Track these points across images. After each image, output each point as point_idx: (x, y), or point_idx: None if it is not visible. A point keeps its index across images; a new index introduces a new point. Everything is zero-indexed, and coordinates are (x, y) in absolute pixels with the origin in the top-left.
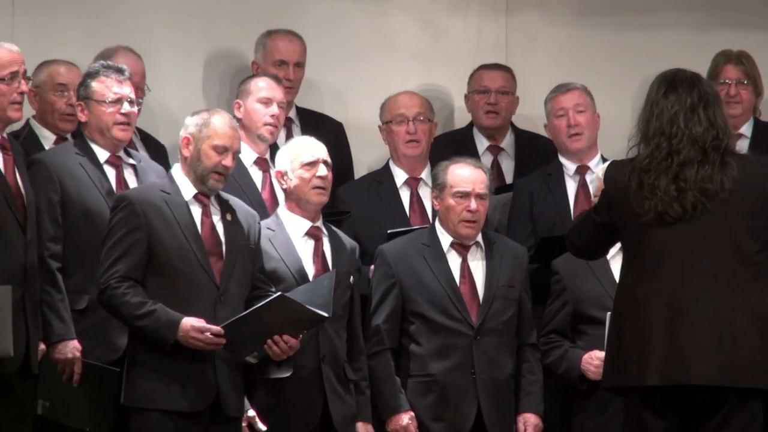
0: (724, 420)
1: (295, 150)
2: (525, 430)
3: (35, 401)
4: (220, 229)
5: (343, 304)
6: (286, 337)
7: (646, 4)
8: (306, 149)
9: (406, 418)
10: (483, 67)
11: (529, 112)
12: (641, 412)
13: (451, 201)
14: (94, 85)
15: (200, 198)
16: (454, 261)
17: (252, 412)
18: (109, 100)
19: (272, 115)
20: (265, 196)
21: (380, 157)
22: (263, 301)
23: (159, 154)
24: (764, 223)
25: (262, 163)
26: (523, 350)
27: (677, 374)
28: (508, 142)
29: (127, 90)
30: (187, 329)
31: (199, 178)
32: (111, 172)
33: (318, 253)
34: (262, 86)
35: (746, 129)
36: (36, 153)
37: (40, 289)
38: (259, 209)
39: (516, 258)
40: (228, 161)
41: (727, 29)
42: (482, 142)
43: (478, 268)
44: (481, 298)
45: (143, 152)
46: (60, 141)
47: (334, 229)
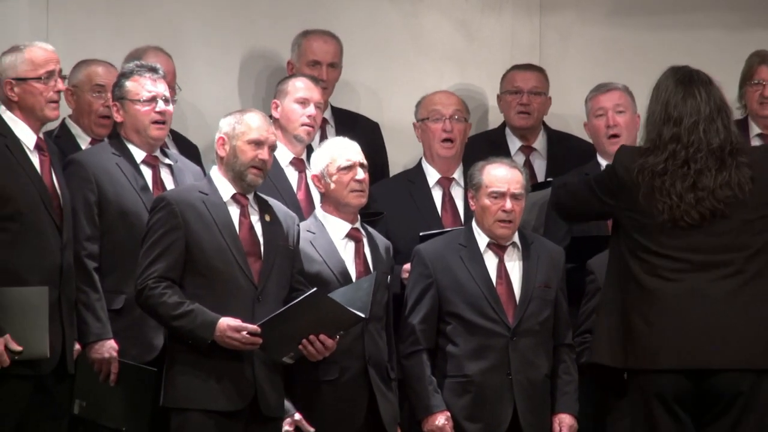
0: (745, 405)
1: (331, 153)
2: (560, 431)
3: (71, 401)
4: (258, 229)
5: (384, 305)
6: (323, 337)
7: (681, 4)
8: (342, 153)
9: (442, 419)
10: (515, 68)
11: (563, 112)
12: (654, 410)
13: (486, 201)
14: (129, 84)
15: (238, 198)
16: (491, 261)
17: (298, 416)
18: (144, 98)
19: (309, 116)
20: (301, 197)
21: (414, 157)
22: (300, 297)
23: (191, 154)
24: None
25: (298, 164)
26: (560, 350)
27: (693, 358)
28: (540, 142)
29: (162, 88)
30: (223, 329)
31: (238, 175)
32: (147, 172)
33: (359, 255)
34: (300, 86)
35: None
36: (72, 151)
37: (76, 290)
38: (295, 210)
39: (553, 258)
40: (264, 154)
41: (761, 29)
42: (514, 142)
43: (515, 269)
44: (518, 299)
45: (175, 152)
46: (95, 141)
47: (370, 229)
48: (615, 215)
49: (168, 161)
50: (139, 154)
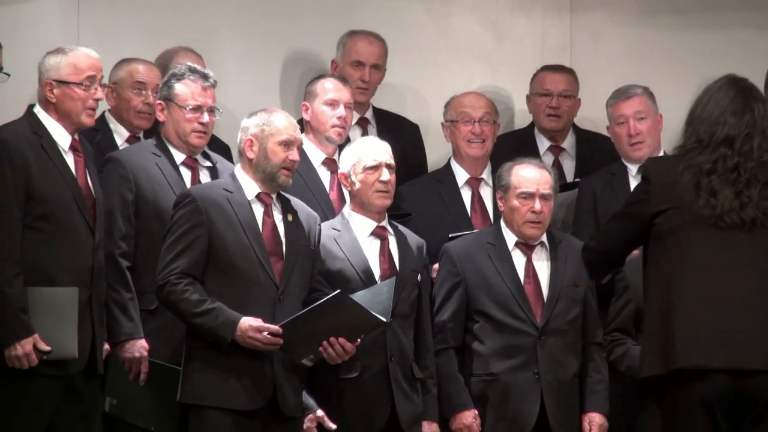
0: None
1: (358, 153)
2: (590, 430)
3: (102, 399)
4: (281, 229)
5: (410, 302)
6: (342, 340)
7: (712, 4)
8: (369, 153)
9: (470, 416)
10: (545, 69)
11: (593, 113)
12: (691, 413)
13: (515, 202)
14: (178, 87)
15: (263, 197)
16: (519, 260)
17: (320, 412)
18: (191, 106)
19: (339, 117)
20: (333, 197)
21: (442, 157)
22: (323, 299)
23: (223, 153)
24: None
25: (330, 164)
26: (589, 349)
27: (733, 359)
28: (569, 143)
29: (210, 98)
30: (245, 329)
31: (269, 177)
32: (187, 174)
33: (384, 253)
34: (329, 88)
35: None
36: (108, 147)
37: (108, 288)
38: (327, 210)
39: (581, 257)
40: (295, 155)
41: None
42: (543, 142)
43: (543, 268)
44: (546, 298)
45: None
46: (132, 139)
47: (401, 228)
48: (650, 225)
49: (208, 163)
50: (179, 155)
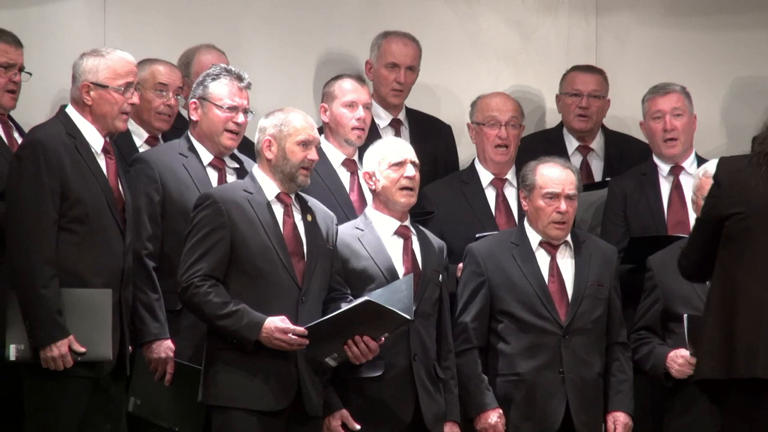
0: None
1: (383, 151)
2: (615, 429)
3: (127, 400)
4: (301, 229)
5: (433, 302)
6: (366, 339)
7: (737, 4)
8: (394, 150)
9: (494, 416)
10: (576, 69)
11: (620, 114)
12: (753, 420)
13: (540, 202)
14: (214, 87)
15: (282, 198)
16: (543, 260)
17: (345, 412)
18: (226, 106)
19: (358, 119)
20: (354, 197)
21: (469, 157)
22: (350, 305)
23: (250, 152)
24: None
25: (350, 165)
26: (613, 349)
27: None
28: (598, 143)
29: (245, 100)
30: (271, 330)
31: (288, 177)
32: (213, 175)
33: (408, 252)
34: (347, 89)
35: None
36: (127, 148)
37: (135, 289)
38: (348, 210)
39: (605, 257)
40: (313, 155)
41: None
42: (572, 142)
43: (567, 267)
44: (570, 297)
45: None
46: (151, 139)
47: (422, 228)
48: (724, 228)
49: (235, 164)
50: (206, 156)
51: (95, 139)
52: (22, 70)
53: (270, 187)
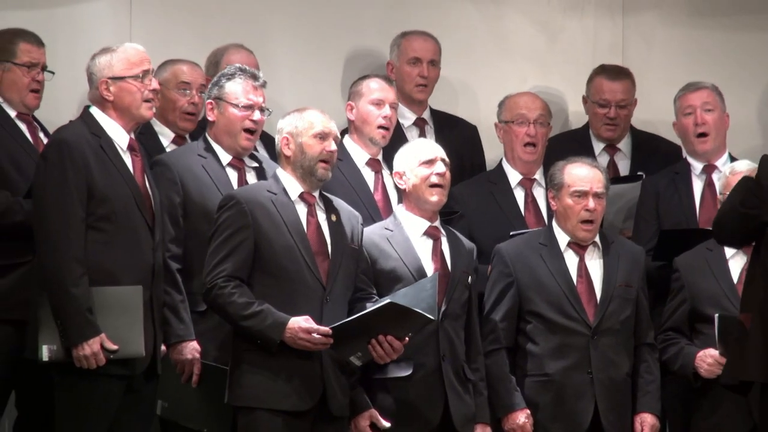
0: None
1: (413, 150)
2: (642, 431)
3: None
4: (325, 228)
5: (462, 303)
6: (390, 339)
7: (763, 4)
8: (424, 148)
9: (522, 417)
10: (603, 74)
11: (646, 115)
12: None
13: (569, 200)
14: (229, 86)
15: (306, 197)
16: (572, 260)
17: (374, 411)
18: (242, 104)
19: (385, 117)
20: (378, 197)
21: (495, 158)
22: (373, 307)
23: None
24: None
25: (375, 164)
26: (641, 350)
27: None
28: (625, 143)
29: (261, 98)
30: (295, 330)
31: (307, 171)
32: (233, 175)
33: (437, 253)
34: (374, 87)
35: None
36: (153, 149)
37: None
38: (372, 210)
39: (633, 257)
40: (331, 146)
41: None
42: (599, 143)
43: (596, 268)
44: (599, 298)
45: (263, 152)
46: (178, 139)
47: (452, 229)
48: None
49: (254, 164)
50: (225, 156)
51: (120, 137)
52: (45, 69)
53: (293, 187)
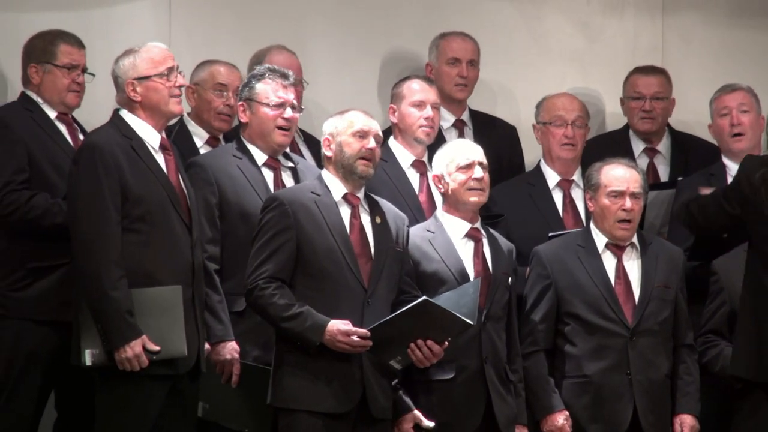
0: None
1: (450, 153)
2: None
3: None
4: (368, 230)
5: (503, 305)
6: (430, 343)
7: None
8: (461, 152)
9: (561, 418)
10: (637, 71)
11: (685, 115)
12: None
13: (606, 201)
14: (259, 86)
15: (350, 198)
16: (609, 262)
17: (417, 412)
18: (273, 103)
19: (427, 118)
20: (422, 198)
21: (533, 159)
22: (408, 306)
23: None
24: None
25: (420, 166)
26: (680, 351)
27: None
28: (664, 145)
29: (291, 95)
30: (333, 333)
31: (348, 170)
32: (269, 175)
33: (478, 254)
34: (416, 89)
35: None
36: (188, 149)
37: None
38: (417, 212)
39: (672, 259)
40: (371, 143)
41: None
42: (638, 145)
43: (634, 269)
44: (637, 299)
45: (307, 153)
46: (212, 140)
47: (492, 231)
48: (746, 226)
49: (290, 164)
50: (260, 156)
51: (152, 137)
52: (85, 71)
53: (337, 188)
